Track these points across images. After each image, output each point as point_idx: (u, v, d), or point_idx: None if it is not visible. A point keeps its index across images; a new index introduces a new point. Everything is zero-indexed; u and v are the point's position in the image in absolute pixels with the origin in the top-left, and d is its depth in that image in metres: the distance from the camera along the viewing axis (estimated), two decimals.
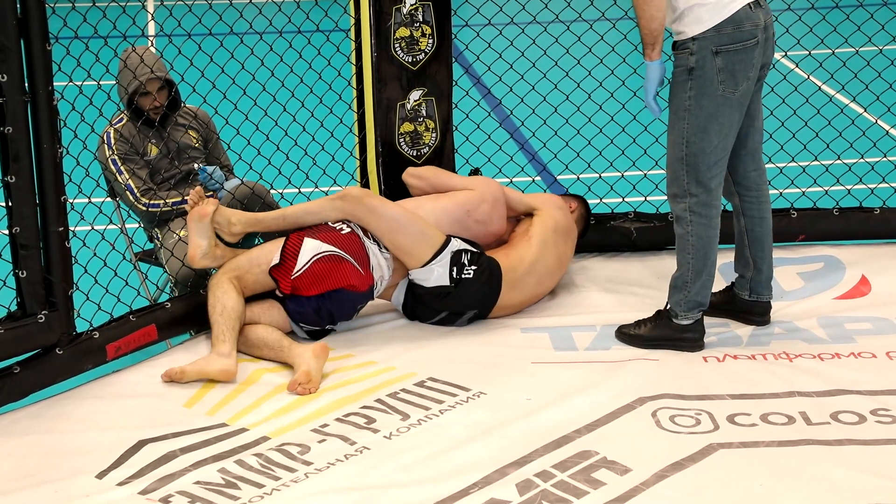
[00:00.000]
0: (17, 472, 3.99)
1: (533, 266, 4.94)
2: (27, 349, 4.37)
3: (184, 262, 4.97)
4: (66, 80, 4.50)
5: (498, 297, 4.87)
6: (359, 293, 4.77)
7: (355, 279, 4.72)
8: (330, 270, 4.69)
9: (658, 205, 5.65)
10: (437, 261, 4.77)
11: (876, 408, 4.27)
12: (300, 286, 4.69)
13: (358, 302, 4.82)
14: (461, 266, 4.80)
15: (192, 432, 4.17)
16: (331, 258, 4.70)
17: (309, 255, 4.69)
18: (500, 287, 4.85)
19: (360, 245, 4.76)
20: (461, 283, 4.79)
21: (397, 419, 4.25)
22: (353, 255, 4.73)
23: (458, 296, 4.82)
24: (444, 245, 4.79)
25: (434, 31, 5.26)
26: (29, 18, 4.14)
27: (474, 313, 4.90)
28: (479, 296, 4.85)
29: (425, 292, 4.83)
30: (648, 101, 4.54)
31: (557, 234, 5.03)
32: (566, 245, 5.10)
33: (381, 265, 4.81)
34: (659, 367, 4.57)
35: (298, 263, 4.68)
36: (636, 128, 5.76)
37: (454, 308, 4.86)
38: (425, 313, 4.90)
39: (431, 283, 4.80)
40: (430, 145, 5.39)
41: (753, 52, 4.44)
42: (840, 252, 5.47)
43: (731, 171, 4.71)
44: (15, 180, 4.22)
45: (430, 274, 4.79)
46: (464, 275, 4.79)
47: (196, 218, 4.75)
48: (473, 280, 4.80)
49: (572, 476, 3.90)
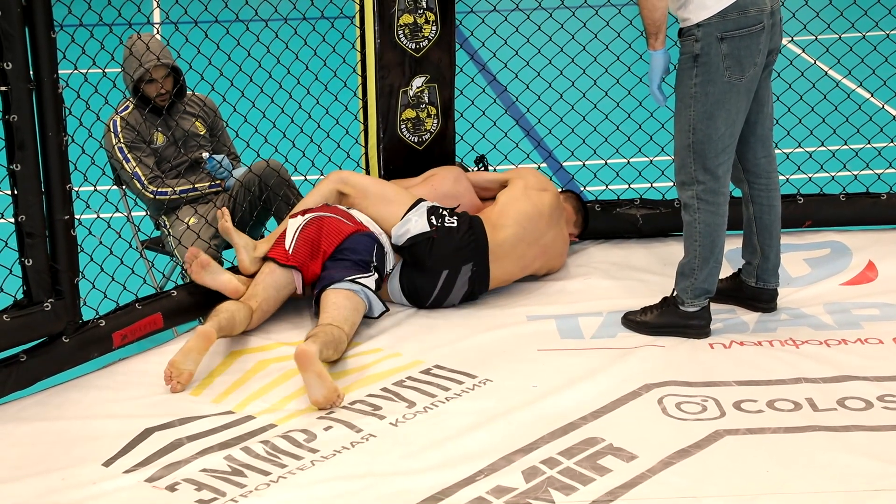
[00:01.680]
0: (25, 460, 4.00)
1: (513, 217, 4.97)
2: (33, 337, 4.38)
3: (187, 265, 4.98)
4: (70, 68, 4.50)
5: (487, 245, 4.88)
6: (363, 234, 4.82)
7: (346, 227, 4.81)
8: (319, 228, 4.79)
9: (664, 191, 5.64)
10: (413, 212, 4.89)
11: (883, 394, 4.26)
12: (302, 258, 4.74)
13: (371, 241, 4.83)
14: (441, 216, 4.90)
15: (198, 419, 4.18)
16: (314, 221, 4.82)
17: (292, 232, 4.79)
18: (485, 234, 4.89)
19: (336, 209, 4.92)
20: (444, 230, 4.85)
21: (403, 406, 4.26)
22: (333, 213, 4.87)
23: (446, 243, 4.84)
24: (417, 202, 4.94)
25: (438, 17, 5.25)
26: (33, 6, 4.14)
27: (472, 269, 4.88)
28: (467, 243, 4.87)
29: (413, 253, 4.85)
30: (653, 90, 4.53)
31: (530, 189, 5.10)
32: (546, 197, 5.10)
33: (368, 221, 4.91)
34: (665, 353, 4.57)
35: (287, 241, 4.77)
36: (642, 114, 5.75)
37: (448, 261, 4.84)
38: (425, 284, 4.88)
39: (412, 233, 4.84)
40: (431, 132, 5.39)
41: (759, 37, 4.42)
42: (847, 238, 5.46)
43: (740, 158, 4.70)
44: (20, 168, 4.22)
45: (408, 224, 4.86)
46: (446, 223, 4.87)
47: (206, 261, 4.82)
48: (458, 228, 4.88)
49: (578, 463, 3.90)
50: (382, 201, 4.97)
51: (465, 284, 4.90)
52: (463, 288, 4.90)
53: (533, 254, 5.05)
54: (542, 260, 5.11)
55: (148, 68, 5.05)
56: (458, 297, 4.93)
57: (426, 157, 5.39)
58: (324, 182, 5.07)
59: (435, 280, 4.88)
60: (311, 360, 4.18)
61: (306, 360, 4.18)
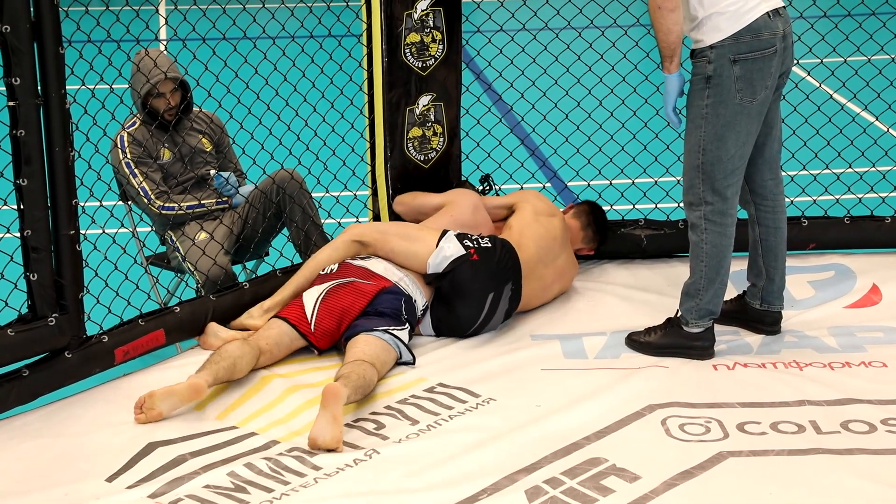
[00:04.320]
0: (27, 475, 4.00)
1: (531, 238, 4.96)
2: (37, 352, 4.38)
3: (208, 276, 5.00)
4: (78, 84, 4.51)
5: (520, 263, 4.87)
6: (388, 292, 4.71)
7: (368, 288, 4.69)
8: (341, 297, 4.65)
9: (669, 212, 5.65)
10: (444, 240, 4.83)
11: (886, 417, 4.26)
12: (327, 329, 4.62)
13: (397, 298, 4.72)
14: (473, 239, 4.87)
15: (201, 436, 4.17)
16: (334, 290, 4.67)
17: (312, 303, 4.64)
18: (517, 254, 4.87)
19: (353, 267, 4.78)
20: (482, 250, 4.81)
21: (407, 424, 4.25)
22: (353, 275, 4.73)
23: (488, 262, 4.79)
24: (443, 233, 4.88)
25: (444, 36, 5.27)
26: (42, 22, 4.15)
27: (512, 288, 4.85)
28: (506, 260, 4.83)
29: (455, 280, 4.76)
30: (668, 113, 4.54)
31: (540, 214, 5.10)
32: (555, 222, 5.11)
33: (389, 269, 4.80)
34: (669, 374, 4.56)
35: (308, 316, 4.62)
36: (647, 135, 5.76)
37: (492, 282, 4.78)
38: (469, 311, 4.79)
39: (451, 258, 4.77)
40: (437, 150, 5.40)
41: (772, 60, 4.43)
42: (851, 261, 5.46)
43: (747, 180, 4.70)
44: (27, 183, 4.22)
45: (442, 252, 4.79)
46: (482, 244, 4.84)
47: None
48: (493, 248, 4.85)
49: (581, 483, 3.89)
50: (407, 238, 4.87)
51: (506, 304, 4.88)
52: (504, 308, 4.88)
53: (550, 275, 5.04)
54: (559, 283, 5.11)
55: (155, 83, 5.06)
56: (500, 320, 4.89)
57: (432, 176, 5.40)
58: (339, 237, 4.95)
59: (481, 304, 4.81)
60: (337, 401, 4.10)
61: (333, 399, 4.10)
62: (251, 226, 5.23)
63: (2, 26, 4.08)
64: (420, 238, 4.87)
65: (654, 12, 4.39)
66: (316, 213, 5.29)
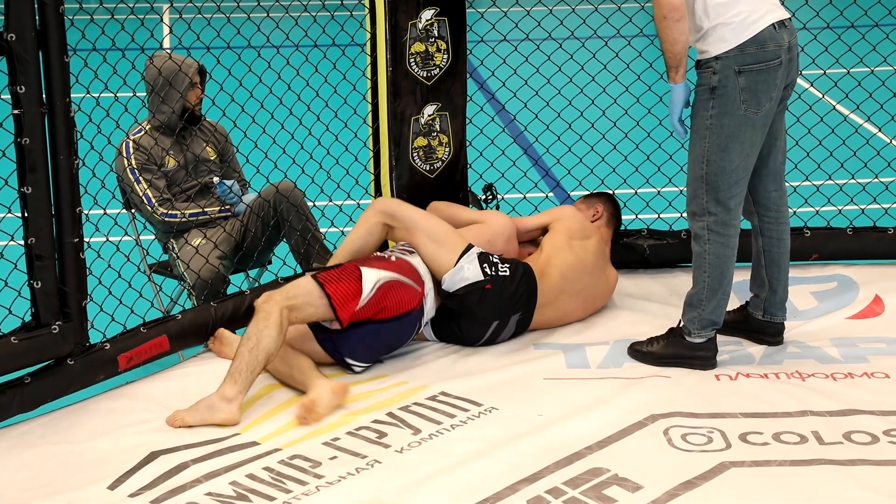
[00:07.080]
0: (30, 483, 4.00)
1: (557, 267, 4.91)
2: (41, 360, 4.38)
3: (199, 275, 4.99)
4: (83, 92, 4.52)
5: (537, 295, 4.85)
6: (416, 315, 4.73)
7: (410, 302, 4.69)
8: (391, 296, 4.64)
9: (672, 222, 5.65)
10: (465, 258, 4.78)
11: (889, 428, 4.26)
12: (363, 315, 4.60)
13: (411, 327, 4.75)
14: (493, 264, 4.81)
15: (203, 444, 4.18)
16: (391, 284, 4.65)
17: (371, 285, 4.60)
18: (536, 284, 4.85)
19: (409, 266, 4.77)
20: (498, 280, 4.77)
21: (409, 433, 4.26)
22: (408, 275, 4.72)
23: (499, 294, 4.78)
24: (467, 248, 4.82)
25: (449, 46, 5.27)
26: (47, 30, 4.17)
27: (519, 317, 4.86)
28: (520, 293, 4.82)
29: (464, 302, 4.77)
30: (674, 124, 4.55)
31: (574, 238, 5.04)
32: (590, 245, 5.06)
33: (427, 273, 4.80)
34: (671, 384, 4.57)
35: (363, 294, 4.58)
36: (650, 145, 5.77)
37: (499, 312, 4.79)
38: (473, 332, 4.82)
39: (467, 282, 4.75)
40: (443, 160, 5.40)
41: (777, 72, 4.44)
42: (853, 272, 5.46)
43: (751, 191, 4.70)
44: (31, 191, 4.23)
45: (461, 272, 4.76)
46: (500, 272, 4.79)
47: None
48: (511, 277, 4.80)
49: (584, 493, 3.89)
50: (433, 241, 4.81)
51: (511, 330, 4.89)
52: (510, 333, 4.89)
53: (573, 305, 5.02)
54: (581, 309, 5.08)
55: (189, 73, 5.09)
56: (506, 339, 4.90)
57: (438, 186, 5.40)
58: (369, 212, 4.93)
59: (484, 329, 4.84)
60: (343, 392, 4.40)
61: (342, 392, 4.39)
62: (253, 233, 5.24)
63: (7, 35, 4.10)
64: (445, 244, 4.81)
65: (659, 22, 4.39)
66: (316, 227, 5.30)
